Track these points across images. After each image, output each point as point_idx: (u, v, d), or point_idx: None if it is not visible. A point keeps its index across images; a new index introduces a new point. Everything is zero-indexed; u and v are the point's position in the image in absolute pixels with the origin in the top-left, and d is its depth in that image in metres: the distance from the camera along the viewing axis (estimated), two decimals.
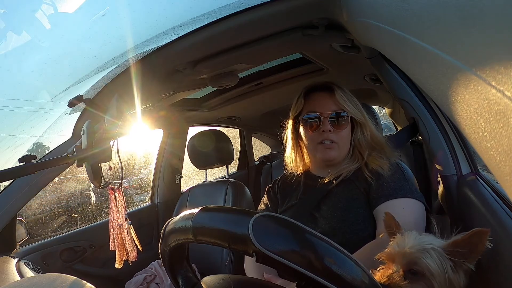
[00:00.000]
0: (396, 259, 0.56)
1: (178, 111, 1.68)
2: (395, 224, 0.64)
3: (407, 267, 0.55)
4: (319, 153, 0.93)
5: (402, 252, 0.56)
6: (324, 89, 0.96)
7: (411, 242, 0.56)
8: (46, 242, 1.30)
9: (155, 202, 1.85)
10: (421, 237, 0.57)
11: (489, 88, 0.17)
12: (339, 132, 0.91)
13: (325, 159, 0.93)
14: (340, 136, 0.92)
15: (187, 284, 0.51)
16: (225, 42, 0.97)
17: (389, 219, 0.65)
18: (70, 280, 0.48)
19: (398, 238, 0.59)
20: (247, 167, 2.45)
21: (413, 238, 0.57)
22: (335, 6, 0.77)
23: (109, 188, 0.74)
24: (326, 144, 0.91)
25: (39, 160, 0.88)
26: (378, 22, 0.42)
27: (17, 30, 0.96)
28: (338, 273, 0.36)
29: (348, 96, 0.94)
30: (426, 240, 0.56)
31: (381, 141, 0.95)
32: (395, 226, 0.63)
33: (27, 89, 1.13)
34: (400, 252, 0.56)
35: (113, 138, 0.68)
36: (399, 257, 0.56)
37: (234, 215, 0.41)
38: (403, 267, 0.55)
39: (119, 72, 0.99)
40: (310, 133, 0.94)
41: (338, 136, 0.91)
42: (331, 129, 0.91)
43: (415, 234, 0.58)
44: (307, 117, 0.94)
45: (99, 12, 0.91)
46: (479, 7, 0.18)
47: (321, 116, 0.92)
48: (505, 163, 0.17)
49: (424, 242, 0.55)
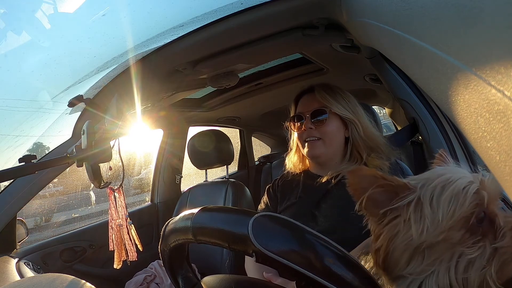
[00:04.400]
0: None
1: (178, 111, 1.68)
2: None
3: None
4: (306, 151, 0.96)
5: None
6: (309, 91, 1.01)
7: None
8: (46, 242, 1.30)
9: (155, 202, 1.85)
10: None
11: (489, 88, 0.17)
12: (321, 128, 0.94)
13: (311, 156, 0.96)
14: (323, 132, 0.94)
15: (187, 284, 0.51)
16: (225, 42, 0.97)
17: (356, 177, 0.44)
18: (70, 280, 0.48)
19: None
20: (247, 167, 2.44)
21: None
22: (335, 6, 0.77)
23: (108, 189, 0.74)
24: (310, 141, 0.95)
25: (39, 160, 0.88)
26: (378, 22, 0.42)
27: (17, 30, 0.96)
28: (338, 272, 0.36)
29: (334, 94, 0.96)
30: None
31: (377, 140, 0.95)
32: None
33: (27, 89, 1.12)
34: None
35: (113, 138, 0.68)
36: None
37: (234, 215, 0.41)
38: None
39: (119, 72, 0.99)
40: (297, 133, 0.99)
41: (322, 132, 0.94)
42: (312, 126, 0.94)
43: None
44: (292, 119, 1.00)
45: (99, 12, 0.91)
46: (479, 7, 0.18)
47: (303, 115, 0.96)
48: (505, 163, 0.17)
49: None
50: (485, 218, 0.39)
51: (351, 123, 0.95)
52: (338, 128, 0.95)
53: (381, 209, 0.44)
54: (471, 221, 0.39)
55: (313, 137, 0.94)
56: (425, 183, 0.42)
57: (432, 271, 0.41)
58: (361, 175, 0.43)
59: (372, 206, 0.44)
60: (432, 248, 0.40)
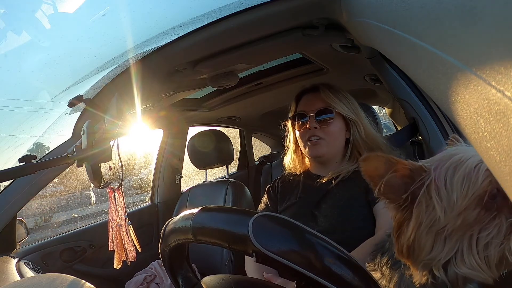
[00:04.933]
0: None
1: (178, 111, 1.68)
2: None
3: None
4: (308, 150, 0.95)
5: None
6: (312, 90, 1.00)
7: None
8: (46, 242, 1.30)
9: (155, 202, 1.85)
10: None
11: (489, 88, 0.17)
12: (325, 128, 0.94)
13: (313, 156, 0.95)
14: (327, 132, 0.94)
15: (187, 284, 0.51)
16: (225, 42, 0.97)
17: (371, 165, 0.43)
18: (70, 280, 0.48)
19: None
20: (247, 167, 2.44)
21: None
22: (335, 6, 0.77)
23: (109, 188, 0.74)
24: (313, 141, 0.94)
25: (39, 160, 0.88)
26: (378, 22, 0.42)
27: (17, 30, 0.96)
28: (338, 272, 0.36)
29: (338, 94, 0.96)
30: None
31: (377, 140, 0.95)
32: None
33: (27, 89, 1.12)
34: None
35: (113, 138, 0.68)
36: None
37: (233, 215, 0.41)
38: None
39: (119, 72, 0.99)
40: (299, 132, 0.98)
41: (325, 132, 0.94)
42: (317, 126, 0.93)
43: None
44: (296, 117, 0.98)
45: (99, 12, 0.91)
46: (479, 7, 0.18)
47: (307, 114, 0.95)
48: (505, 163, 0.17)
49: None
50: (499, 194, 0.39)
51: (354, 123, 0.95)
52: (341, 128, 0.96)
53: (399, 194, 0.43)
54: (485, 199, 0.39)
55: (316, 137, 0.94)
56: (438, 165, 0.42)
57: (455, 252, 0.41)
58: (377, 160, 0.43)
59: (390, 191, 0.43)
60: (453, 229, 0.40)
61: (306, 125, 0.95)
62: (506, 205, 0.39)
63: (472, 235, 0.40)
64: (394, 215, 0.44)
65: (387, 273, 0.50)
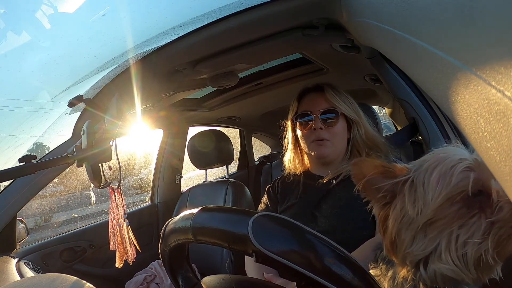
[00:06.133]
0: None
1: (178, 111, 1.68)
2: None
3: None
4: (313, 151, 0.95)
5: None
6: (316, 90, 0.99)
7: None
8: (46, 242, 1.30)
9: (155, 202, 1.85)
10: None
11: (489, 88, 0.17)
12: (330, 129, 0.93)
13: (319, 156, 0.95)
14: (332, 133, 0.93)
15: (187, 284, 0.51)
16: (225, 42, 0.97)
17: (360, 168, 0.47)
18: (70, 280, 0.48)
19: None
20: (247, 167, 2.44)
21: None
22: (335, 6, 0.77)
23: (110, 188, 0.74)
24: (319, 142, 0.93)
25: (39, 160, 0.88)
26: (378, 22, 0.42)
27: (17, 30, 0.96)
28: (338, 272, 0.36)
29: (341, 95, 0.95)
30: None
31: (376, 140, 0.96)
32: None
33: (27, 89, 1.13)
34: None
35: (113, 138, 0.68)
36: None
37: (233, 215, 0.41)
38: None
39: (119, 72, 0.99)
40: (303, 132, 0.97)
41: (330, 133, 0.93)
42: (323, 127, 0.93)
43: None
44: (300, 117, 0.97)
45: (99, 12, 0.91)
46: (479, 7, 0.18)
47: (312, 114, 0.94)
48: (505, 163, 0.17)
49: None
50: (482, 194, 0.40)
51: (355, 123, 0.95)
52: (344, 129, 0.96)
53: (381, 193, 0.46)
54: (464, 196, 0.39)
55: (321, 138, 0.93)
56: (420, 165, 0.44)
57: (434, 247, 0.41)
58: (363, 165, 0.46)
59: (376, 192, 0.46)
60: (431, 225, 0.41)
61: (310, 126, 0.94)
62: (488, 206, 0.39)
63: (452, 231, 0.40)
64: (378, 213, 0.47)
65: (384, 270, 0.51)
